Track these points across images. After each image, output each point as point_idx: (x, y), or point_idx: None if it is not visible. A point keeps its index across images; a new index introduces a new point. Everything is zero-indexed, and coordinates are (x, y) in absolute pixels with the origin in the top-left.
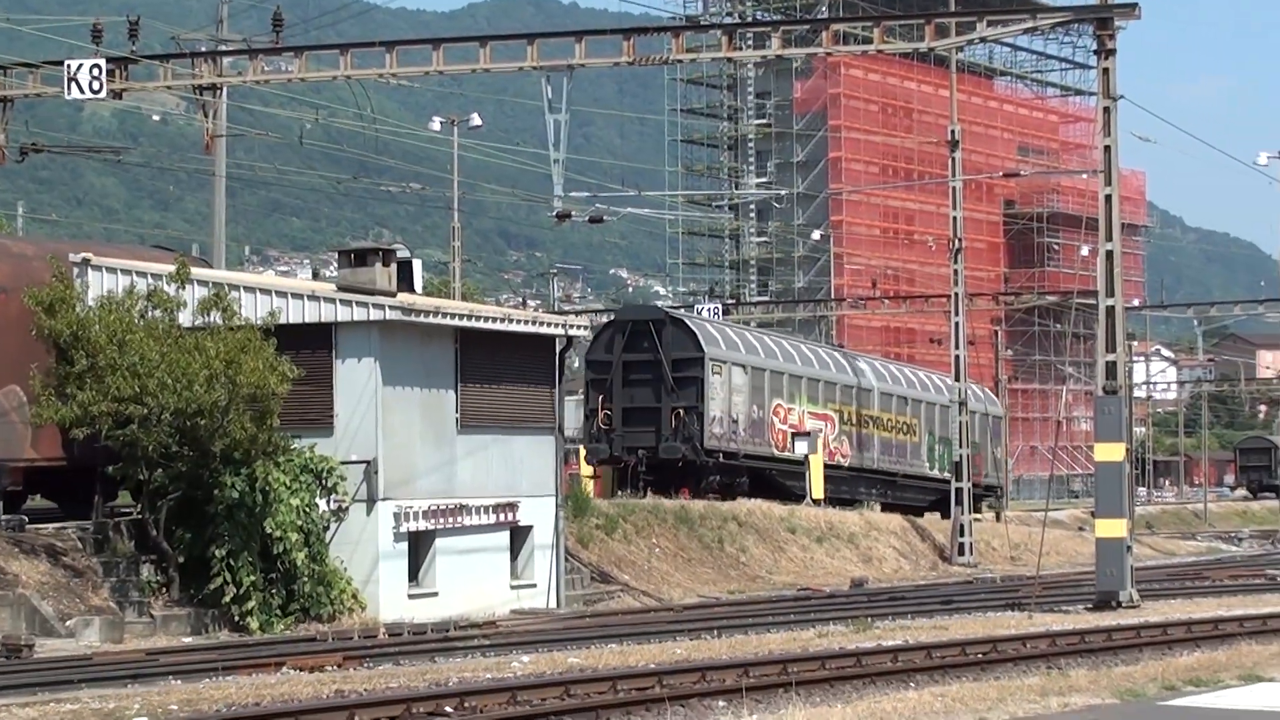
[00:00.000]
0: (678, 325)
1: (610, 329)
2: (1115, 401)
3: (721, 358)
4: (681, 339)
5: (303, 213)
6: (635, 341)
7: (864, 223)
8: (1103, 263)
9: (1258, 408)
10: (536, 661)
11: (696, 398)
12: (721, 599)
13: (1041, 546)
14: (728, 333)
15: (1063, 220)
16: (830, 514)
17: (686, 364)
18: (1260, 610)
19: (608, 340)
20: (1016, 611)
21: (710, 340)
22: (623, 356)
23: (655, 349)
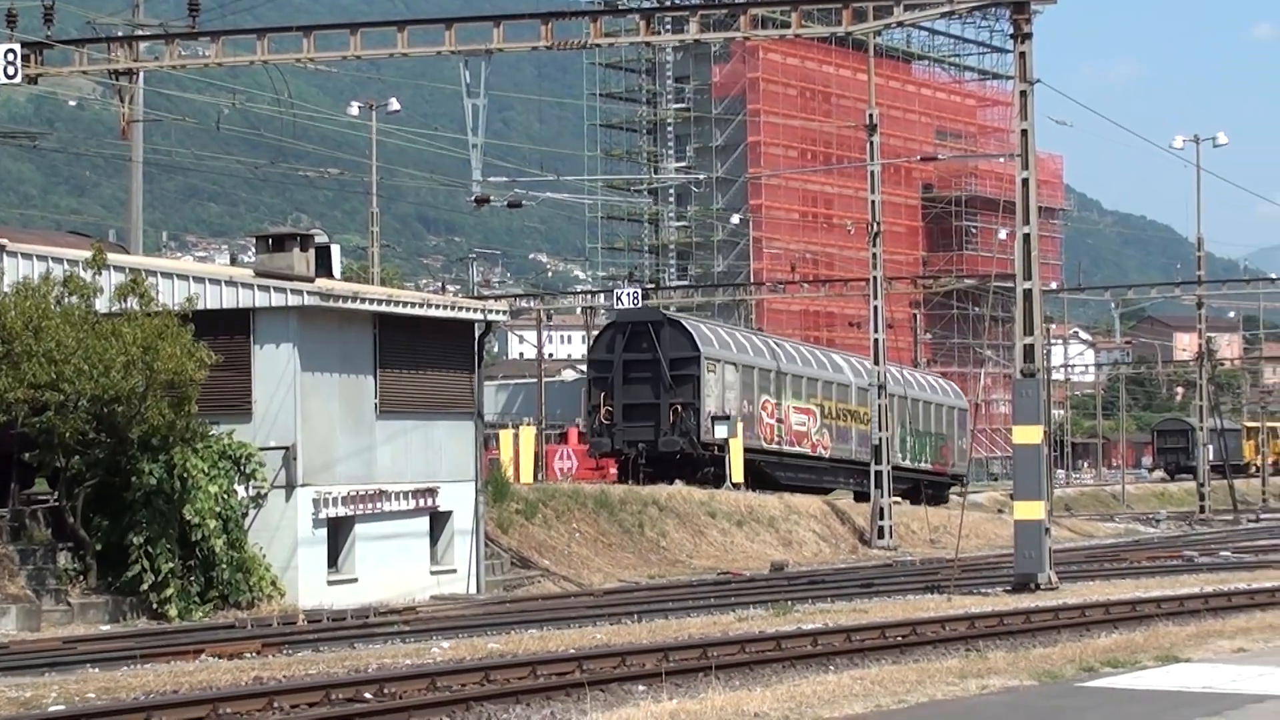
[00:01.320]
0: (675, 327)
1: (611, 330)
2: (1033, 384)
3: (715, 357)
4: (679, 339)
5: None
6: (635, 342)
7: (783, 207)
8: (1020, 246)
9: (1174, 390)
10: (456, 647)
11: (693, 394)
12: (642, 583)
13: (960, 529)
14: (720, 333)
15: (980, 204)
16: (750, 498)
17: (683, 363)
18: (1177, 591)
19: (609, 341)
20: (936, 594)
21: (705, 341)
22: (623, 356)
23: (654, 349)
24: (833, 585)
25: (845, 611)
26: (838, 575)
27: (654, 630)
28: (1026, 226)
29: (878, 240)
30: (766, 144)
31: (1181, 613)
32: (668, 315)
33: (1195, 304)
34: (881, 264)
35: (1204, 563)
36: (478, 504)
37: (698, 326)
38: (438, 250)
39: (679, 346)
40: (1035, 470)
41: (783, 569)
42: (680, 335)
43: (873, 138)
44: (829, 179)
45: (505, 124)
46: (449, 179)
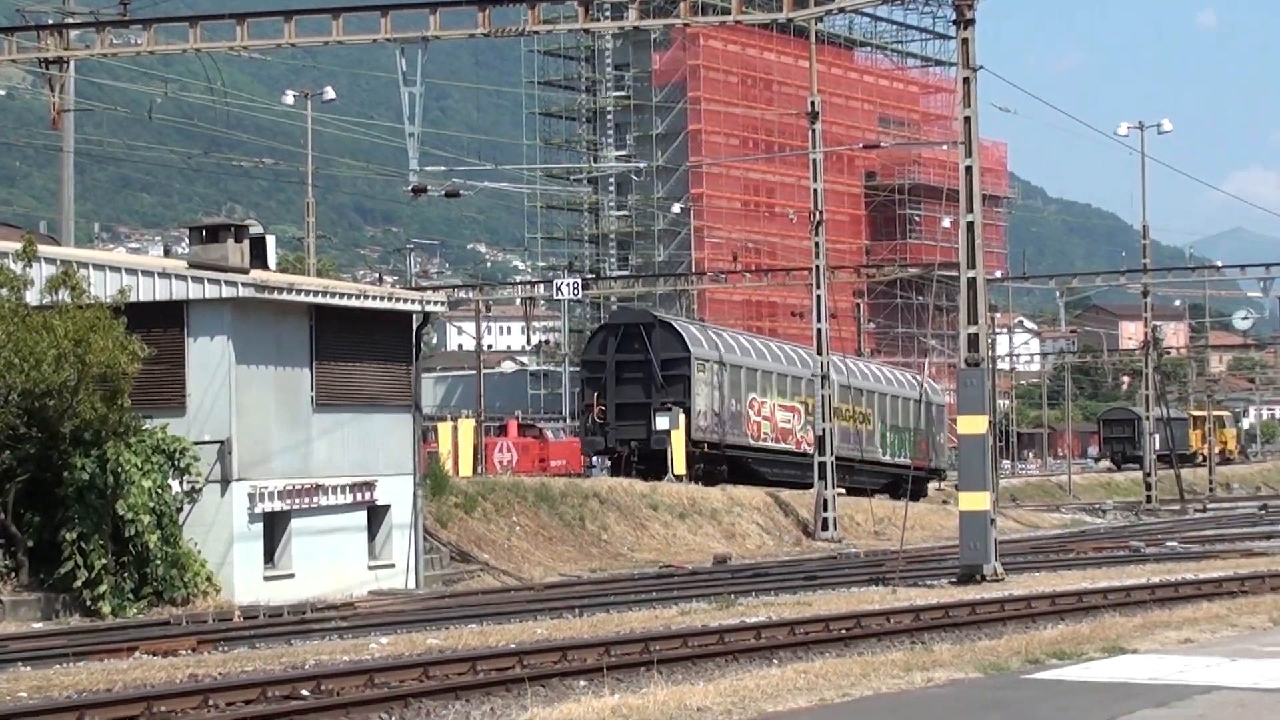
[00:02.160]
0: (666, 328)
1: (604, 332)
2: (978, 374)
3: (705, 357)
4: (669, 340)
5: (153, 189)
6: (627, 343)
7: (724, 195)
8: (964, 234)
9: (1120, 379)
10: (395, 643)
11: (683, 394)
12: (583, 577)
13: (905, 521)
14: (709, 334)
15: (924, 192)
16: (692, 490)
17: (674, 363)
18: (1124, 582)
19: (601, 342)
20: (880, 587)
21: (695, 342)
22: (615, 357)
23: (645, 350)
24: (776, 578)
25: (789, 604)
26: (781, 568)
27: (595, 625)
28: (970, 214)
29: (820, 229)
30: (707, 132)
31: (1128, 604)
32: (659, 317)
33: (1141, 292)
34: (824, 253)
35: (1151, 553)
36: (416, 498)
37: (688, 328)
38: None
39: (670, 347)
40: (980, 461)
41: (726, 562)
42: (671, 336)
43: (814, 125)
44: (771, 167)
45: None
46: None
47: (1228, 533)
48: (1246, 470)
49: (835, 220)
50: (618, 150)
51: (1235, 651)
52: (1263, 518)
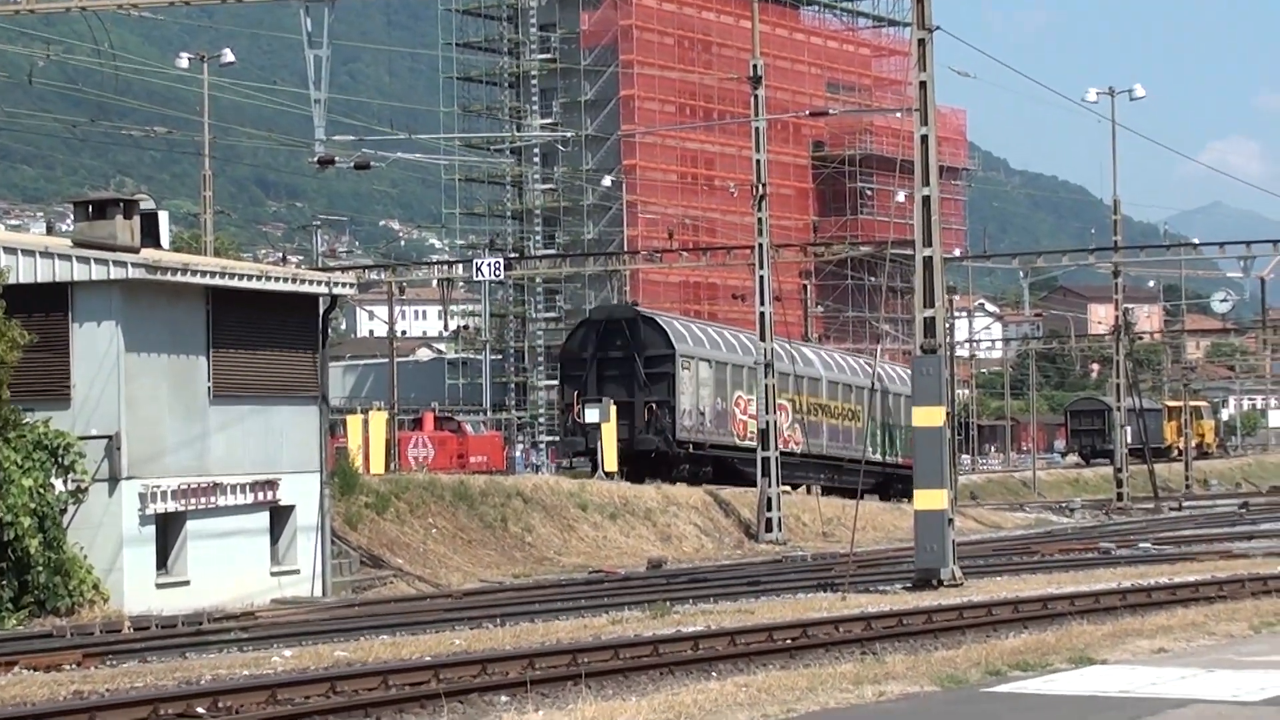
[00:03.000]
0: (649, 324)
1: (585, 327)
2: (934, 361)
3: (690, 354)
4: (653, 336)
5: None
6: (609, 339)
7: (659, 167)
8: (919, 209)
9: (1089, 366)
10: (300, 656)
11: (668, 392)
12: (505, 583)
13: (855, 521)
14: (694, 330)
15: (876, 163)
16: (624, 488)
17: (658, 360)
18: (1092, 587)
19: (582, 338)
20: (829, 593)
21: (680, 337)
22: (597, 354)
23: (628, 346)
24: (716, 584)
25: (729, 612)
26: (721, 573)
27: (518, 635)
28: (926, 188)
29: (763, 204)
30: (641, 98)
31: (1097, 610)
32: (642, 312)
33: (1111, 272)
34: (768, 230)
35: (1122, 555)
36: (323, 497)
37: (672, 323)
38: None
39: (653, 344)
40: (937, 455)
41: (661, 566)
42: (655, 332)
43: (757, 91)
44: (710, 137)
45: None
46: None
47: (1205, 533)
48: (1225, 465)
49: (779, 194)
50: (543, 118)
51: (1213, 662)
52: (1243, 517)
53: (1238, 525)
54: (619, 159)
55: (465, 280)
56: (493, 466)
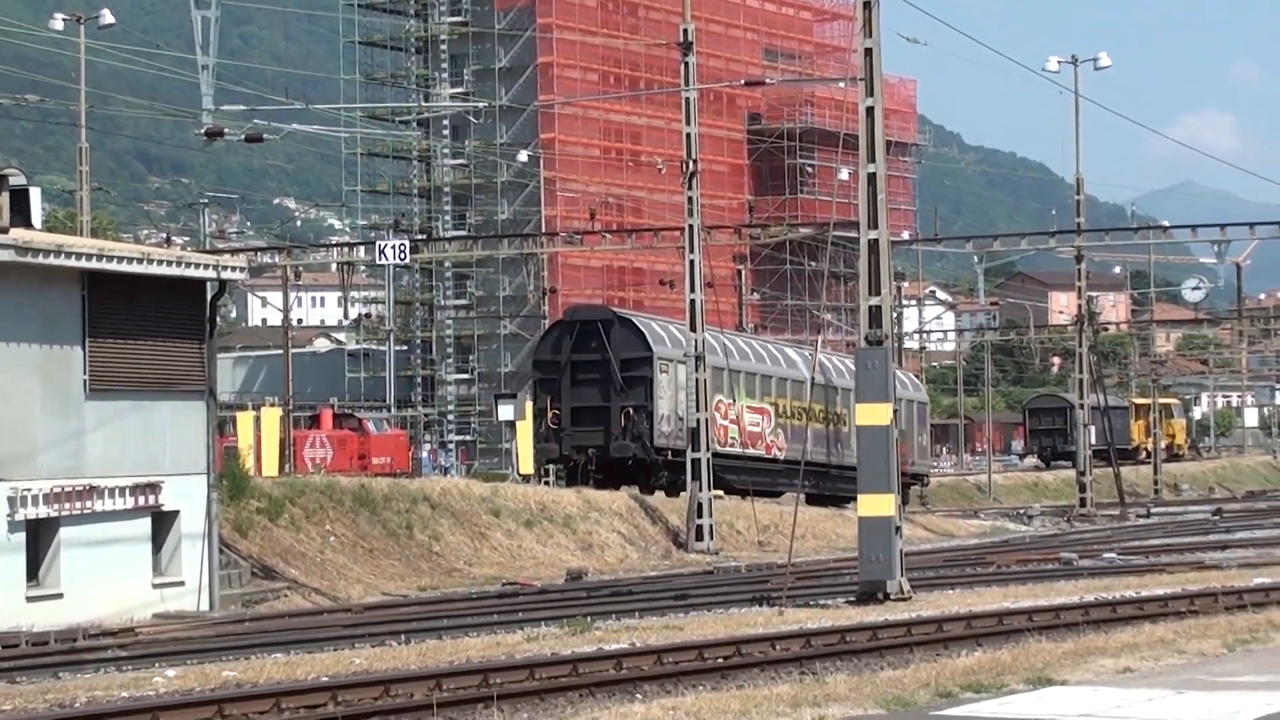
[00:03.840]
0: (626, 325)
1: (558, 329)
2: (880, 354)
3: (668, 356)
4: (630, 339)
5: None
6: (583, 341)
7: (581, 141)
8: (864, 188)
9: (1050, 360)
10: (184, 676)
11: (645, 396)
12: (410, 597)
13: (794, 528)
14: (672, 330)
15: (818, 138)
16: (542, 493)
17: (635, 363)
18: (1052, 601)
19: (555, 340)
20: (765, 607)
21: (657, 339)
22: (571, 356)
23: (604, 349)
24: (641, 597)
25: (656, 629)
26: (648, 585)
27: (425, 653)
28: (872, 165)
29: (694, 182)
30: (560, 66)
31: (1057, 626)
32: (618, 313)
33: (1074, 257)
34: (699, 210)
35: (1085, 566)
36: (210, 502)
37: (649, 324)
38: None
39: (630, 346)
40: (883, 457)
41: (581, 578)
42: (631, 334)
43: (688, 58)
44: (636, 108)
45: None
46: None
47: (1175, 543)
48: (1198, 468)
49: (712, 171)
50: (453, 87)
51: (1183, 683)
52: (1216, 525)
53: (1211, 534)
54: (536, 132)
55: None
56: (397, 468)
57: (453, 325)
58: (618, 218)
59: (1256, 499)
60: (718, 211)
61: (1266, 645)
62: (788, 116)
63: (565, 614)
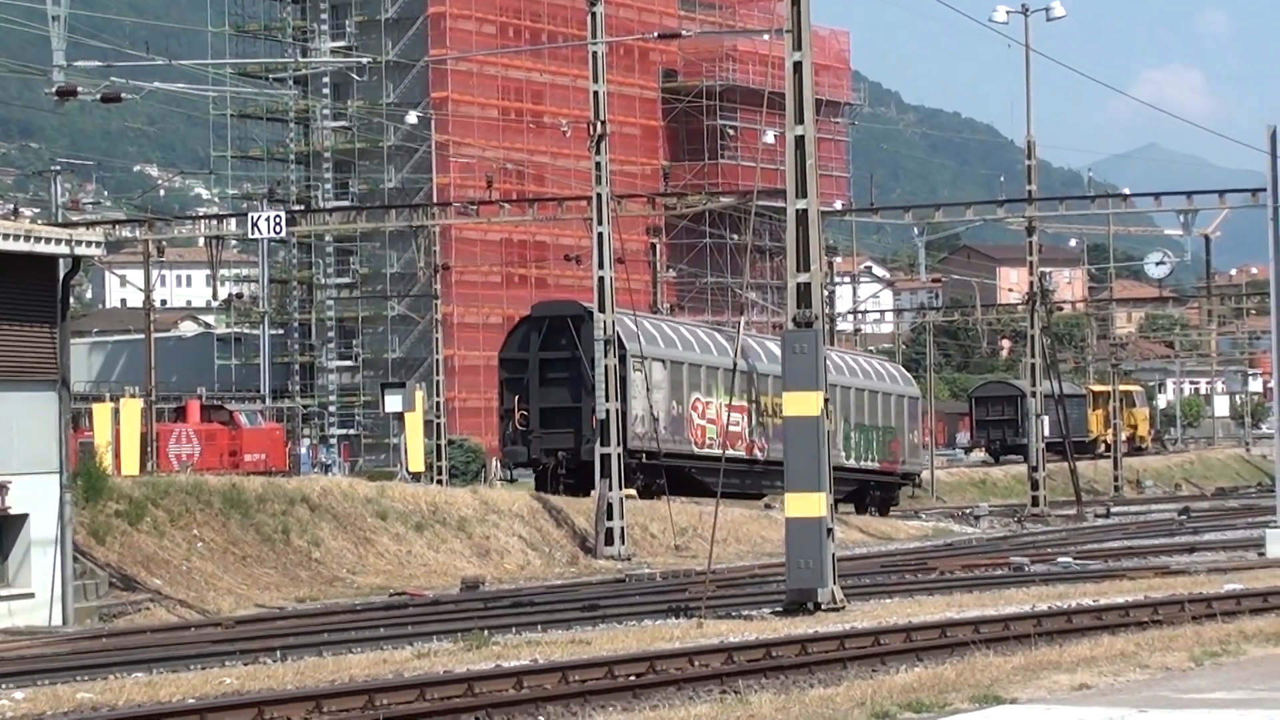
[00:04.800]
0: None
1: (526, 325)
2: (810, 337)
3: (642, 354)
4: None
5: None
6: (553, 338)
7: (477, 101)
8: (792, 153)
9: (998, 343)
10: (34, 699)
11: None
12: (287, 609)
13: (714, 531)
14: (646, 326)
15: (740, 97)
16: (434, 493)
17: None
18: (1001, 611)
19: (523, 337)
20: (682, 618)
21: (630, 336)
22: (539, 354)
23: (574, 346)
24: (545, 608)
25: (561, 643)
26: (552, 595)
27: (303, 672)
28: (800, 127)
29: (603, 146)
30: (454, 17)
31: (1006, 638)
32: (589, 308)
33: (1025, 229)
34: (608, 178)
35: (1037, 572)
36: (64, 504)
37: (621, 320)
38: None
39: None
40: (813, 451)
41: (478, 587)
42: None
43: (595, 8)
44: (538, 64)
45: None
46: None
47: (1138, 545)
48: (1162, 463)
49: (623, 134)
50: (334, 41)
51: (1146, 700)
52: (1183, 525)
53: (1176, 535)
54: (427, 91)
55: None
56: (272, 466)
57: (334, 306)
58: (518, 186)
59: (1227, 496)
60: (629, 179)
61: (1238, 658)
62: (707, 73)
63: (460, 627)
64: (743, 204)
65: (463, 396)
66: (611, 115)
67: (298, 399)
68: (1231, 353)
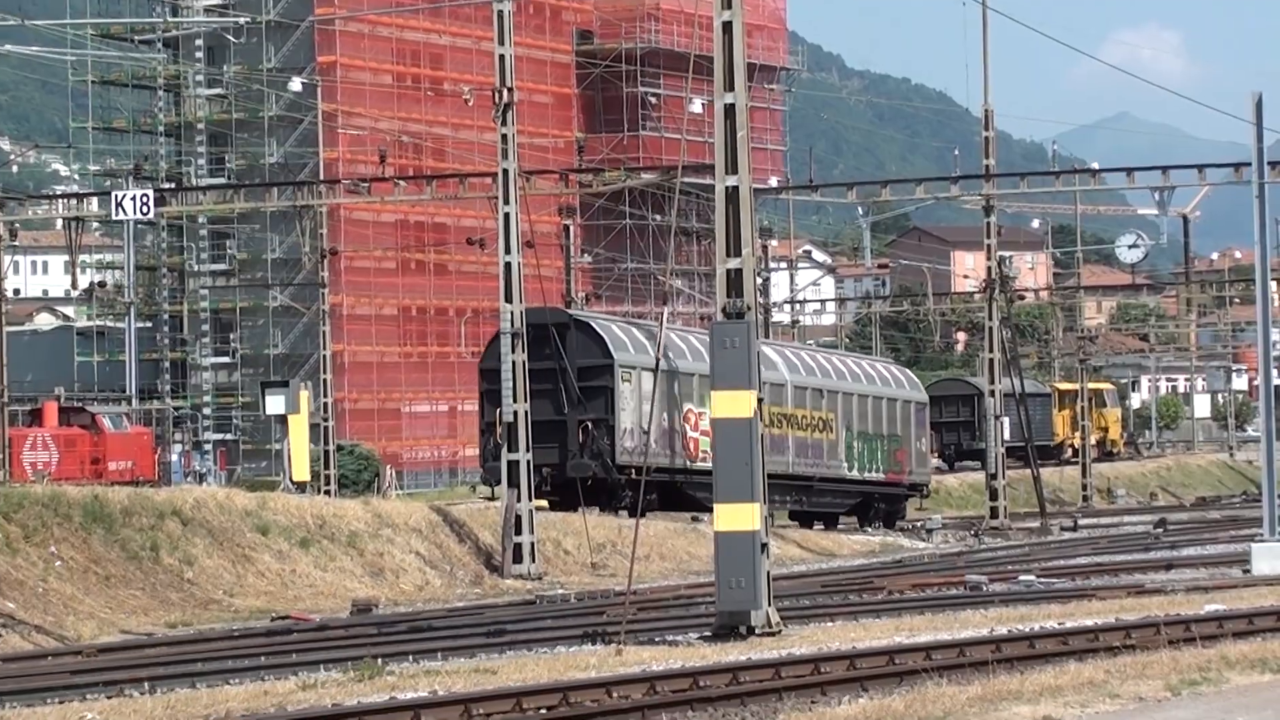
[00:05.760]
0: (583, 329)
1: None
2: (741, 329)
3: (631, 363)
4: (587, 344)
5: None
6: (535, 348)
7: (369, 66)
8: (721, 123)
9: (953, 336)
10: None
11: (606, 409)
12: (157, 635)
13: (635, 547)
14: (634, 333)
15: (664, 61)
16: (320, 505)
17: (594, 372)
18: (956, 635)
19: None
20: (600, 645)
21: (619, 345)
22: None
23: (559, 356)
24: (445, 633)
25: (463, 673)
26: (454, 618)
27: (174, 705)
28: (730, 94)
29: (509, 116)
30: None
31: (962, 665)
32: (574, 316)
33: (982, 208)
34: (515, 152)
35: (997, 592)
36: None
37: (609, 327)
38: None
39: (588, 352)
40: (745, 457)
41: (370, 610)
42: (589, 340)
43: None
44: (437, 23)
45: None
46: None
47: (1109, 562)
48: (1136, 469)
49: (533, 103)
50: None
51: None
52: (1159, 539)
53: (1152, 551)
54: (313, 55)
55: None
56: (140, 475)
57: (209, 296)
58: (415, 161)
59: (1208, 507)
60: (539, 153)
61: (1219, 687)
62: (626, 34)
63: (350, 655)
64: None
65: (354, 397)
66: (519, 82)
67: (168, 400)
68: (1213, 346)
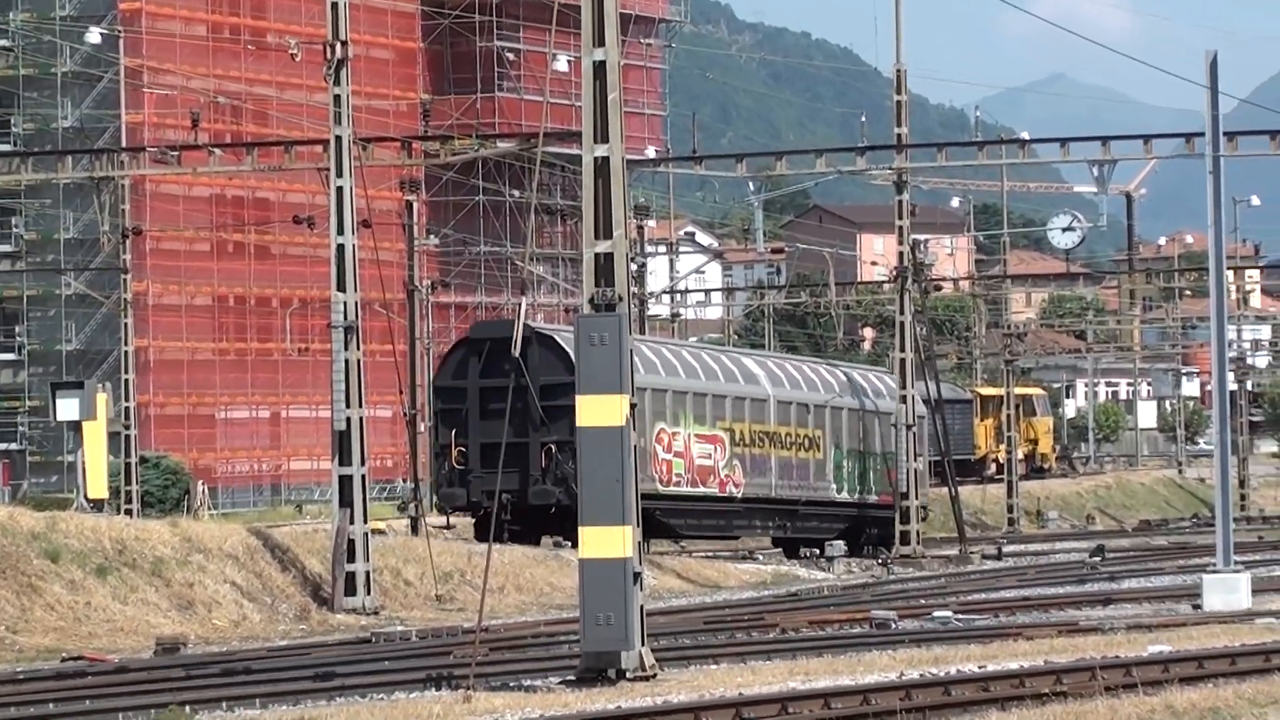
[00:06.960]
0: (546, 344)
1: (463, 349)
2: (611, 323)
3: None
4: (550, 360)
5: None
6: (494, 364)
7: (180, 15)
8: (590, 84)
9: (858, 333)
10: None
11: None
12: None
13: (486, 577)
14: None
15: (524, 11)
16: (120, 527)
17: (557, 390)
18: (860, 680)
19: (459, 362)
20: (446, 690)
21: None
22: (479, 383)
23: (520, 373)
24: (265, 677)
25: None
26: (275, 659)
27: None
28: (600, 50)
29: (344, 74)
30: None
31: (865, 715)
32: (537, 330)
33: (893, 183)
34: (350, 116)
35: (907, 630)
36: None
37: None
38: None
39: (551, 369)
40: (615, 472)
41: (178, 649)
42: (552, 355)
43: None
44: None
45: None
46: None
47: (1038, 595)
48: (1070, 488)
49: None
50: None
51: None
52: (1096, 569)
53: (1088, 583)
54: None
55: None
56: None
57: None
58: (233, 126)
59: (1153, 532)
60: (379, 117)
61: None
62: None
63: (153, 702)
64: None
65: (160, 401)
66: (356, 34)
67: None
68: (1160, 346)
